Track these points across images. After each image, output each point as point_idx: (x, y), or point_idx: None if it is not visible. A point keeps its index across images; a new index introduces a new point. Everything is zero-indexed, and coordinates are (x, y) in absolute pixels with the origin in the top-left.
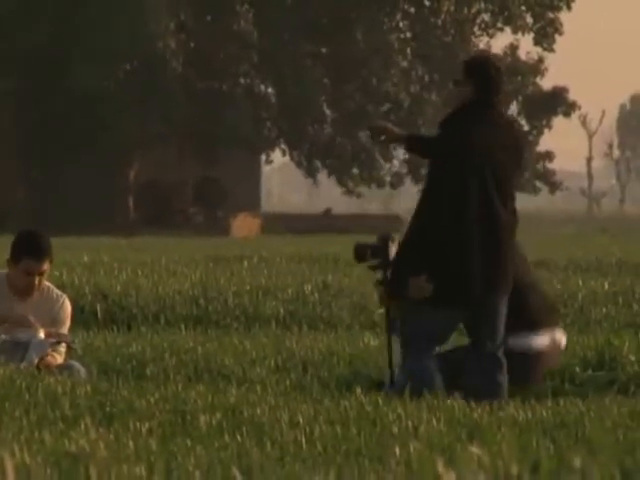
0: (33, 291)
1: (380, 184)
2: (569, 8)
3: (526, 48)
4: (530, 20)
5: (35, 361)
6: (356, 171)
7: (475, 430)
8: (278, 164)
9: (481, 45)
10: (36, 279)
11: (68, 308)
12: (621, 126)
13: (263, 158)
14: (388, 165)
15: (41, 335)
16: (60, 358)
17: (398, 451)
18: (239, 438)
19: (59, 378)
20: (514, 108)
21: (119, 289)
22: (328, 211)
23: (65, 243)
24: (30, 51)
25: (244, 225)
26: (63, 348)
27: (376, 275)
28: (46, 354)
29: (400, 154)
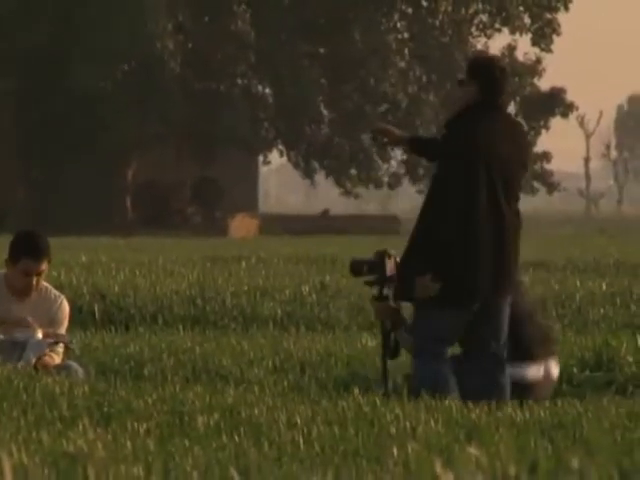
0: (31, 291)
1: (378, 185)
2: (567, 9)
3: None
4: (528, 21)
5: (32, 361)
6: (354, 172)
7: (473, 431)
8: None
9: (479, 46)
10: (34, 279)
11: (66, 308)
12: (619, 127)
13: (261, 159)
14: (386, 166)
15: (39, 335)
16: (58, 358)
17: (396, 452)
18: (237, 438)
19: (57, 378)
20: (512, 109)
21: (117, 289)
22: (326, 212)
23: (63, 243)
24: (30, 51)
25: (242, 226)
26: (61, 348)
27: (372, 291)
28: (44, 354)
29: (398, 155)
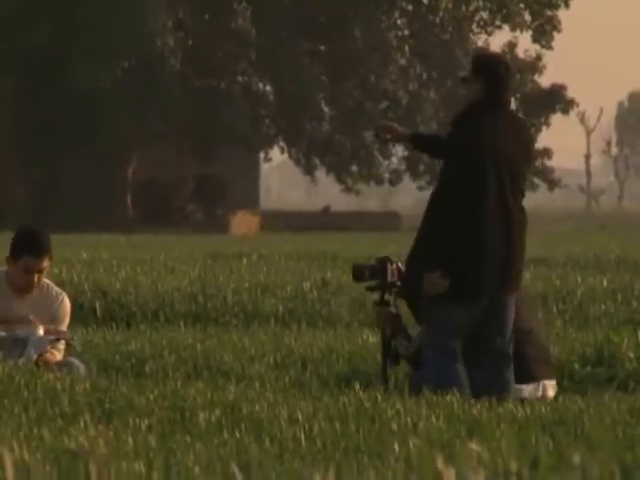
0: (32, 288)
1: (379, 181)
2: (567, 6)
3: (524, 46)
4: (528, 18)
5: (34, 357)
6: (355, 168)
7: (474, 427)
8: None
9: (479, 43)
10: (35, 276)
11: (67, 305)
12: (619, 124)
13: (262, 156)
14: (387, 162)
15: (40, 332)
16: (59, 355)
17: (397, 447)
18: (238, 435)
19: (58, 375)
20: (512, 106)
21: (118, 286)
22: (327, 209)
23: (64, 240)
24: (30, 50)
25: (243, 223)
26: (62, 345)
27: (374, 296)
28: (45, 351)
29: (399, 151)
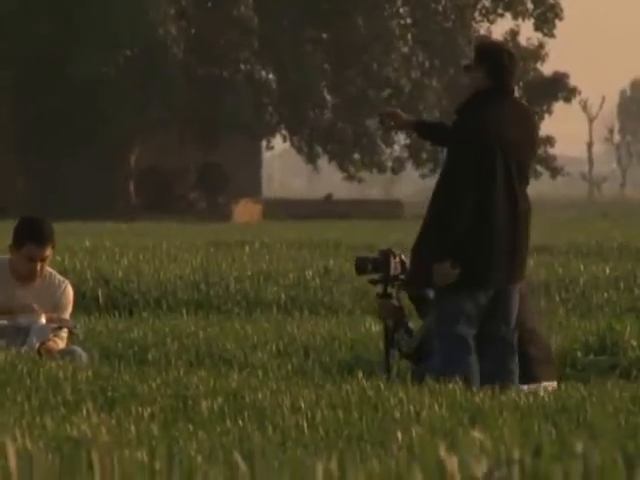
0: (35, 277)
1: (381, 169)
2: None
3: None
4: (530, 6)
5: (36, 345)
6: (357, 156)
7: (477, 415)
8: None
9: (481, 31)
10: (38, 265)
11: (70, 294)
12: (621, 111)
13: (264, 144)
14: (389, 150)
15: (42, 320)
16: (62, 343)
17: (400, 436)
18: (241, 423)
19: (61, 363)
20: (515, 94)
21: (121, 274)
22: (329, 197)
23: (67, 228)
24: (30, 38)
25: (245, 211)
26: (65, 333)
27: (376, 289)
28: (48, 339)
29: (401, 139)
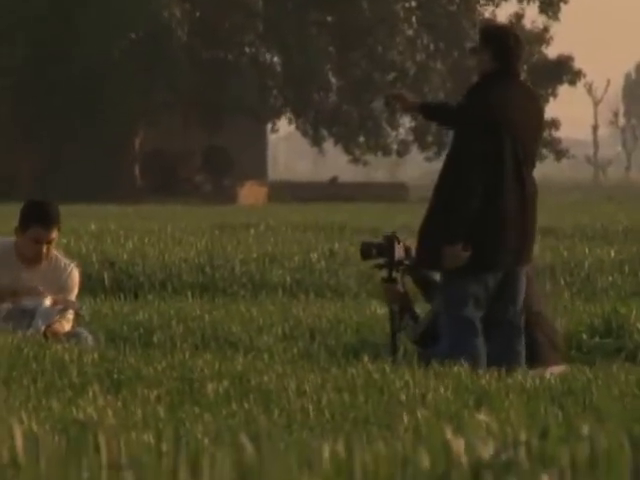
0: (41, 259)
1: (386, 152)
2: None
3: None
4: None
5: (42, 328)
6: (362, 139)
7: (483, 397)
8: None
9: (486, 14)
10: (44, 247)
11: (76, 276)
12: (627, 94)
13: (269, 127)
14: (394, 133)
15: (47, 302)
16: (68, 325)
17: (406, 418)
18: (247, 406)
19: (66, 346)
20: (521, 77)
21: (126, 257)
22: (334, 179)
23: (73, 211)
24: (34, 20)
25: (250, 193)
26: (71, 315)
27: (381, 274)
28: (53, 322)
29: (406, 122)
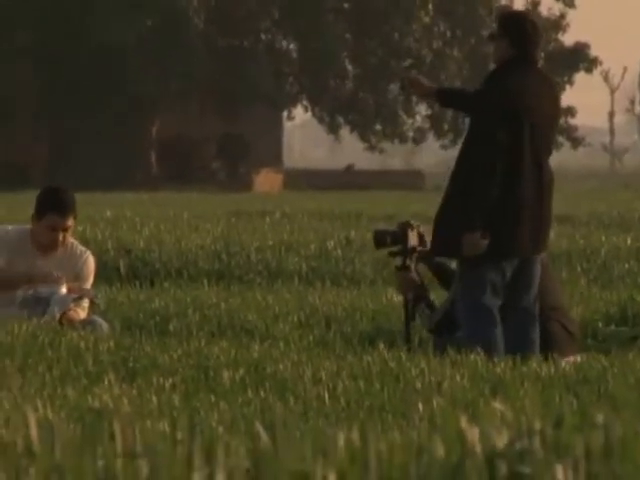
0: (57, 247)
1: (402, 139)
2: None
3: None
4: None
5: (57, 315)
6: (379, 127)
7: (498, 385)
8: (300, 120)
9: (503, 1)
10: (60, 235)
11: (92, 264)
12: None
13: (285, 114)
14: (411, 120)
15: (63, 290)
16: (83, 313)
17: (421, 407)
18: (262, 394)
19: (82, 333)
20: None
21: (142, 244)
22: (350, 167)
23: (88, 199)
24: (49, 5)
25: (266, 181)
26: (86, 303)
27: (395, 262)
28: (69, 309)
29: (422, 110)
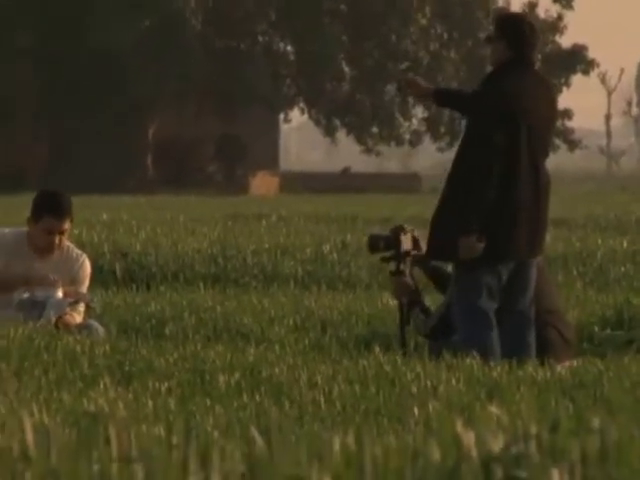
0: (53, 250)
1: (399, 142)
2: None
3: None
4: None
5: (53, 319)
6: (375, 129)
7: (494, 390)
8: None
9: (500, 3)
10: (57, 238)
11: (88, 267)
12: None
13: (282, 117)
14: (407, 123)
15: (59, 294)
16: (79, 317)
17: (417, 411)
18: (258, 398)
19: (78, 337)
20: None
21: (138, 247)
22: (346, 170)
23: (84, 201)
24: (49, 6)
25: (262, 183)
26: (82, 307)
27: (389, 267)
28: (65, 313)
29: (419, 112)
